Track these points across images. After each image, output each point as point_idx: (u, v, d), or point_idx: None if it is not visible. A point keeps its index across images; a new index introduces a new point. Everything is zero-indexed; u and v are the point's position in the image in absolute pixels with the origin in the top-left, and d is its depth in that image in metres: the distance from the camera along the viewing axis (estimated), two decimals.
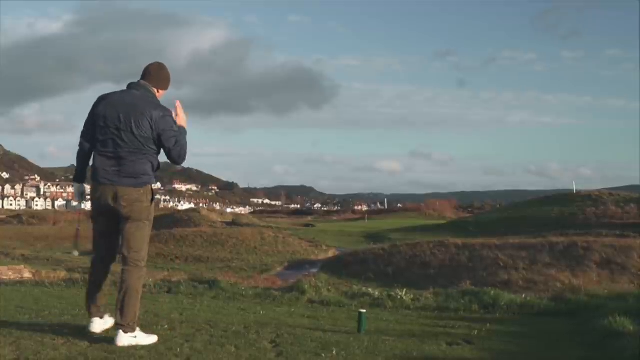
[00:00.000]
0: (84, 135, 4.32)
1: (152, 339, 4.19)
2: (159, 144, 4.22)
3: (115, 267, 4.41)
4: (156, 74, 4.40)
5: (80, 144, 4.35)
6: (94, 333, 4.23)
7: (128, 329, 4.07)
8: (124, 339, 4.04)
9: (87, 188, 4.41)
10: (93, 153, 4.28)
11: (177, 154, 4.26)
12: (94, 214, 4.31)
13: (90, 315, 4.32)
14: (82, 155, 4.35)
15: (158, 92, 4.39)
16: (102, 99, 4.29)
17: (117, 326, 4.09)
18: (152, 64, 4.45)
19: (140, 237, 4.20)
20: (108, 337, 4.23)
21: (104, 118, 4.19)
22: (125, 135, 4.14)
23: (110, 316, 4.34)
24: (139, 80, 4.35)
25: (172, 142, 4.21)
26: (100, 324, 4.30)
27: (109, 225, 4.25)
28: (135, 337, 4.10)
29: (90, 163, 4.32)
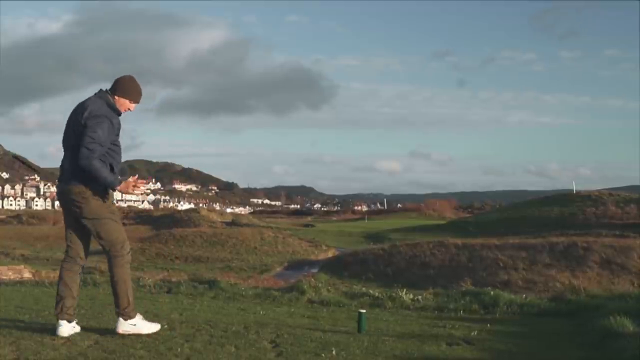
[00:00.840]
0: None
1: (154, 327, 4.33)
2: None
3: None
4: (119, 83, 4.42)
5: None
6: (61, 337, 4.17)
7: (125, 315, 4.24)
8: (124, 326, 4.22)
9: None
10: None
11: (84, 156, 4.11)
12: (63, 215, 4.45)
13: (58, 318, 4.29)
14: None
15: (120, 99, 4.39)
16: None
17: (116, 314, 4.29)
18: (122, 76, 4.49)
19: (106, 231, 4.34)
20: (108, 337, 4.23)
21: (67, 123, 4.35)
22: (71, 138, 4.25)
23: (78, 323, 4.39)
24: (105, 89, 4.42)
25: (86, 140, 4.12)
26: (67, 328, 4.25)
27: (72, 226, 4.39)
28: (135, 324, 4.26)
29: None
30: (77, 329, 4.34)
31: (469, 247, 35.04)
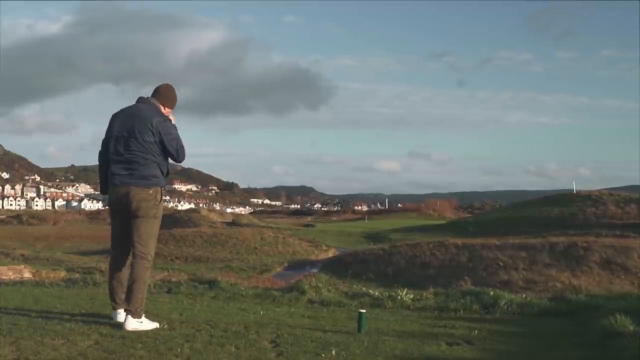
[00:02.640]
0: (101, 152, 4.93)
1: (154, 325, 4.68)
2: (162, 147, 4.78)
3: None
4: (163, 92, 5.00)
5: (100, 161, 4.96)
6: (119, 322, 4.68)
7: (135, 314, 4.59)
8: (132, 323, 4.56)
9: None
10: (110, 162, 4.85)
11: (179, 155, 4.86)
12: (111, 215, 4.96)
13: (114, 308, 4.89)
14: (104, 169, 4.94)
15: (164, 108, 4.96)
16: (113, 116, 4.93)
17: (126, 311, 4.62)
18: (162, 84, 5.07)
19: (146, 232, 4.75)
20: (108, 337, 4.24)
21: (115, 130, 4.82)
22: (133, 143, 4.72)
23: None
24: (152, 96, 4.97)
25: (174, 144, 4.81)
26: (124, 315, 4.68)
27: (122, 226, 4.82)
28: (142, 322, 4.63)
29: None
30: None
31: (469, 247, 35.01)
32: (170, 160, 4.94)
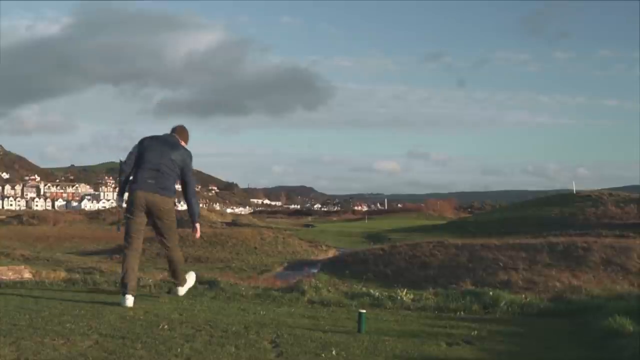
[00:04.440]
0: (127, 164, 6.01)
1: (192, 278, 6.62)
2: (181, 176, 6.08)
3: None
4: (181, 131, 6.29)
5: (124, 171, 6.06)
6: (128, 307, 5.57)
7: (181, 285, 6.41)
8: (181, 291, 6.41)
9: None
10: (136, 169, 5.97)
11: (192, 191, 6.22)
12: (134, 213, 5.87)
13: (124, 293, 5.73)
14: (125, 178, 6.06)
15: (181, 142, 6.23)
16: (147, 138, 6.11)
17: (175, 284, 6.46)
18: (178, 125, 6.34)
19: (173, 231, 6.15)
20: (108, 337, 4.24)
21: (151, 147, 5.99)
22: (164, 160, 5.93)
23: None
24: (172, 133, 6.23)
25: (192, 181, 6.23)
26: (132, 300, 5.69)
27: (142, 222, 5.92)
28: (187, 286, 6.47)
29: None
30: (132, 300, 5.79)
31: (469, 247, 35.04)
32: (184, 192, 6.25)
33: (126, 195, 6.11)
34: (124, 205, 6.12)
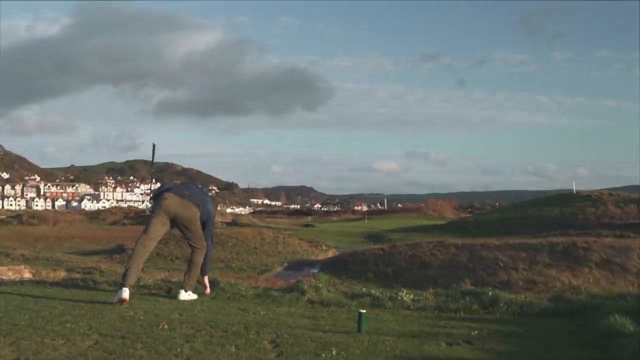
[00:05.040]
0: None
1: (195, 296, 6.51)
2: (204, 223, 6.61)
3: None
4: (192, 181, 7.02)
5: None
6: (124, 300, 5.72)
7: (187, 289, 6.44)
8: (183, 295, 6.38)
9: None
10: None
11: (206, 245, 6.63)
12: (157, 214, 6.37)
13: (122, 285, 5.89)
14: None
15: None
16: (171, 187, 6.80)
17: (181, 286, 6.52)
18: (188, 178, 6.64)
19: (198, 235, 6.59)
20: (108, 337, 4.24)
21: (184, 188, 6.69)
22: (195, 192, 6.65)
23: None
24: (192, 182, 7.45)
25: (210, 234, 6.74)
26: (128, 293, 5.83)
27: (164, 225, 6.43)
28: (189, 295, 6.42)
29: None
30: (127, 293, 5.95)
31: (469, 247, 35.02)
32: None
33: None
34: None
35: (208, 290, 6.73)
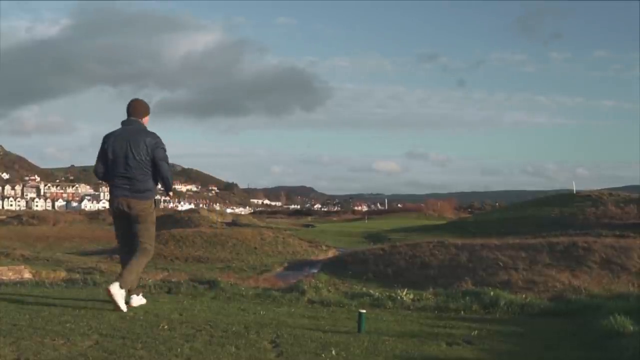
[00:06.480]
0: (97, 166, 5.75)
1: (142, 300, 5.77)
2: (154, 167, 5.63)
3: None
4: (137, 108, 5.80)
5: (95, 173, 5.83)
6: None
7: (123, 284, 5.38)
8: (115, 287, 5.30)
9: None
10: (109, 176, 5.68)
11: (169, 187, 5.84)
12: (114, 220, 5.81)
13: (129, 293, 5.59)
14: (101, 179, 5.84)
15: (144, 119, 5.81)
16: (107, 137, 5.70)
17: (117, 278, 5.45)
18: (131, 101, 5.80)
19: (147, 232, 5.71)
20: (108, 337, 4.24)
21: (111, 152, 5.61)
22: (131, 161, 5.55)
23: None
24: (128, 118, 5.73)
25: (167, 175, 5.73)
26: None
27: (125, 227, 5.72)
28: (123, 294, 5.39)
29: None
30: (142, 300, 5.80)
31: (469, 247, 35.02)
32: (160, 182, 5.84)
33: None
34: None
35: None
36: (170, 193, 6.15)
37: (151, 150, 5.59)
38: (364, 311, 5.05)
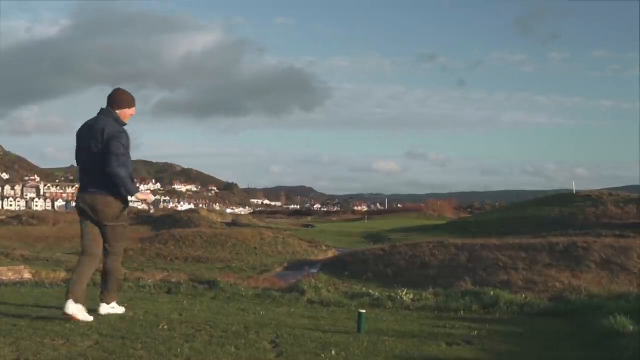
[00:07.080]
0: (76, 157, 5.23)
1: (122, 309, 5.29)
2: (105, 155, 4.91)
3: None
4: (112, 98, 5.18)
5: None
6: (68, 315, 4.77)
7: (106, 300, 5.20)
8: (105, 309, 5.16)
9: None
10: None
11: (118, 181, 4.93)
12: (80, 219, 5.20)
13: (67, 299, 4.86)
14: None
15: (122, 111, 5.17)
16: (79, 129, 5.19)
17: (100, 299, 5.20)
18: (112, 91, 5.24)
19: (114, 235, 5.13)
20: (108, 337, 4.24)
21: (78, 142, 5.15)
22: (89, 154, 5.01)
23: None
24: (107, 107, 5.16)
25: (111, 161, 4.87)
26: (73, 307, 4.81)
27: (91, 226, 5.11)
28: (113, 307, 5.23)
29: None
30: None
31: (469, 247, 35.03)
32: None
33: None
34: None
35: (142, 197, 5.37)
36: (131, 196, 5.15)
37: (107, 140, 4.91)
38: (364, 311, 5.05)
